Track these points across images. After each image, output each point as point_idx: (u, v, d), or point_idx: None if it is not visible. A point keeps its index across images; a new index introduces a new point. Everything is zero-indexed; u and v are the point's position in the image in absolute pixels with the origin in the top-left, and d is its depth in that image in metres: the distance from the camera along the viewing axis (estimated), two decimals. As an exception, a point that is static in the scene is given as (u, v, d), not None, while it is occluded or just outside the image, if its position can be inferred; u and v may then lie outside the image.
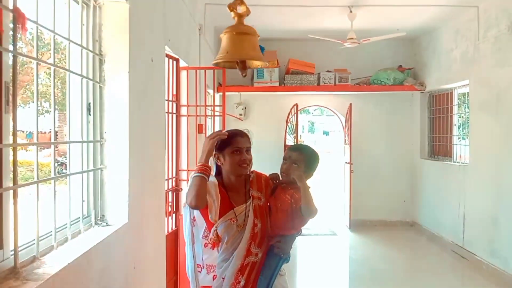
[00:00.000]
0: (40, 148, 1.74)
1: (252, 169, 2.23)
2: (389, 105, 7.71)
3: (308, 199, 2.00)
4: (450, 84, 6.39)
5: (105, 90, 2.31)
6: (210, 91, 6.36)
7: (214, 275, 2.13)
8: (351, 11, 5.48)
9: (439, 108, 7.01)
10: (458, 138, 6.48)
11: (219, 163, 2.15)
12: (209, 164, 2.05)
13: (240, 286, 2.02)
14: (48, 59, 1.68)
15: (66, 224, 1.94)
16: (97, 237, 1.99)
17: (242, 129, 2.23)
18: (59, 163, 6.93)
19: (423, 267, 5.79)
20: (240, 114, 7.63)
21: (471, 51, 5.68)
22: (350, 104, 7.32)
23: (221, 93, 7.02)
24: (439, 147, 7.06)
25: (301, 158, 2.13)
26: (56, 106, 1.95)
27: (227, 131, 2.15)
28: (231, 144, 2.09)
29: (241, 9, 1.96)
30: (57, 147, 2.42)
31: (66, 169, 2.12)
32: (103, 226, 2.21)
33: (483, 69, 5.38)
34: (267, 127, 7.63)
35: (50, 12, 1.84)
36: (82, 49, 2.17)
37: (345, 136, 7.72)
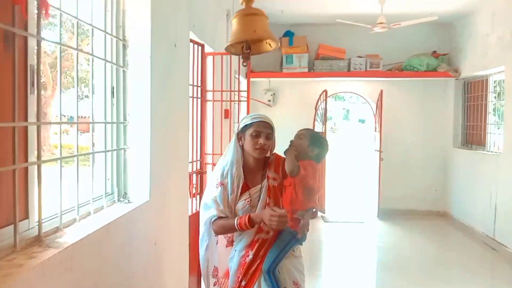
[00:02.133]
0: (80, 132, 1.90)
1: (274, 152, 2.31)
2: (422, 92, 7.53)
3: (288, 160, 2.18)
4: (485, 71, 6.16)
5: (128, 74, 2.41)
6: (240, 77, 6.42)
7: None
8: (381, -5, 5.37)
9: (474, 95, 6.78)
10: (495, 127, 6.27)
11: (240, 143, 2.23)
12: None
13: (249, 259, 2.11)
14: (73, 43, 1.78)
15: (89, 200, 2.07)
16: (118, 212, 2.11)
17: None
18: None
19: (451, 258, 5.70)
20: (269, 100, 7.67)
21: (508, 36, 5.46)
22: (381, 90, 7.20)
23: (252, 79, 7.09)
24: (473, 136, 6.86)
25: (306, 133, 2.31)
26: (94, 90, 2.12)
27: (252, 114, 2.24)
28: (252, 126, 2.16)
29: None
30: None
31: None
32: (125, 203, 2.34)
33: (520, 55, 5.17)
34: (296, 114, 7.62)
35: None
36: (106, 35, 2.28)
37: (375, 124, 7.62)
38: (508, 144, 5.46)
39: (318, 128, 7.63)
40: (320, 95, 7.46)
